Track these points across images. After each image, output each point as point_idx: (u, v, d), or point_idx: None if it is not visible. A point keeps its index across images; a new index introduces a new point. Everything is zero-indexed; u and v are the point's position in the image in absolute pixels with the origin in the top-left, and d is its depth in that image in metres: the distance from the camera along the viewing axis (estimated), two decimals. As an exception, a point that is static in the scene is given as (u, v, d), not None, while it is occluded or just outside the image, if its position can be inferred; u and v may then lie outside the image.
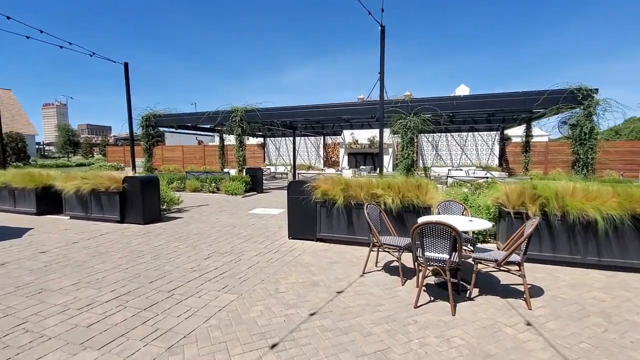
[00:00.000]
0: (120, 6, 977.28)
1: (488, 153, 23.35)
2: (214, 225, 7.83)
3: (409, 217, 5.54)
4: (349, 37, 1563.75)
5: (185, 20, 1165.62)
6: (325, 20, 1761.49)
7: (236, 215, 9.03)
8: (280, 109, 14.16)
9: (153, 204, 8.14)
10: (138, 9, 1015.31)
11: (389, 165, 23.75)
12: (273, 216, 8.94)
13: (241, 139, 14.67)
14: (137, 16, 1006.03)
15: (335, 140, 25.98)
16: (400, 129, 12.26)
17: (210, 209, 10.16)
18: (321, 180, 6.09)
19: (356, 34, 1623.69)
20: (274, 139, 27.69)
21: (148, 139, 16.59)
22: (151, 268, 4.78)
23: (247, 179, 13.71)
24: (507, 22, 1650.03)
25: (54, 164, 40.12)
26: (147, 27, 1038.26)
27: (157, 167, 32.91)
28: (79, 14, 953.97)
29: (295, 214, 6.36)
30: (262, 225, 7.76)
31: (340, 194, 5.79)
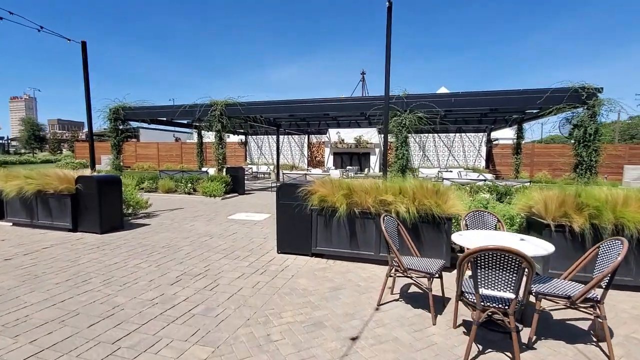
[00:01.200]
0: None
1: (475, 155, 22.98)
2: (188, 234, 6.63)
3: (427, 230, 4.58)
4: (332, 37, 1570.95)
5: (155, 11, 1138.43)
6: (309, 19, 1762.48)
7: (214, 222, 7.84)
8: (264, 103, 13.01)
9: (113, 209, 6.84)
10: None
11: (375, 165, 22.97)
12: (257, 223, 7.81)
13: (221, 136, 13.42)
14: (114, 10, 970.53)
15: (320, 140, 24.98)
16: (395, 127, 11.39)
17: (185, 213, 8.90)
18: (318, 184, 5.05)
19: (339, 33, 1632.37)
20: (256, 137, 26.38)
21: (117, 134, 15.04)
22: (97, 300, 3.59)
23: (227, 179, 12.47)
24: (486, 25, 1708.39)
25: (17, 160, 37.18)
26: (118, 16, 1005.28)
27: (130, 164, 30.90)
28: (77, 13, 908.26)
29: (286, 224, 5.29)
30: (244, 235, 6.63)
31: (342, 201, 4.76)
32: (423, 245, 4.61)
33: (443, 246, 4.55)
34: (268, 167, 22.81)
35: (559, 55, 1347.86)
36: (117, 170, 14.88)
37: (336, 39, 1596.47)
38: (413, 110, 11.18)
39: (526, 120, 15.55)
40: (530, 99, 10.56)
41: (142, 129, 38.74)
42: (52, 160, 36.00)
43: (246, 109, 13.04)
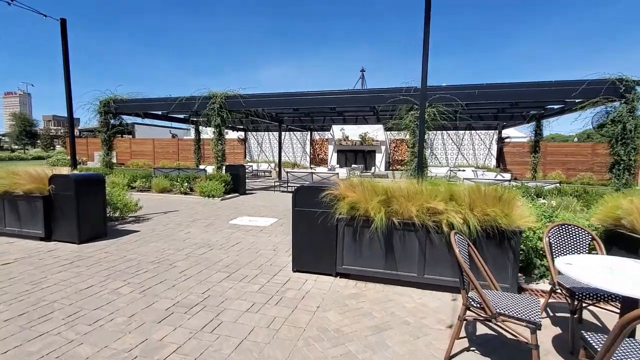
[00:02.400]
0: None
1: (485, 153, 22.04)
2: (182, 244, 5.61)
3: (491, 248, 3.58)
4: (327, 37, 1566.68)
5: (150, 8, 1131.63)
6: (302, 17, 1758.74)
7: (214, 228, 6.82)
8: (268, 95, 11.96)
9: (95, 214, 5.80)
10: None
11: (380, 164, 21.98)
12: (263, 229, 6.79)
13: (220, 131, 12.36)
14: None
15: (323, 136, 23.96)
16: (412, 122, 10.38)
17: (180, 216, 7.87)
18: (346, 188, 4.03)
19: (334, 32, 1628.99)
20: (256, 134, 25.33)
21: (107, 129, 13.95)
22: (53, 350, 2.57)
23: (227, 178, 11.43)
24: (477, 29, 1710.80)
25: (7, 156, 35.90)
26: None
27: (125, 161, 29.74)
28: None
29: (304, 236, 4.28)
30: (250, 245, 5.61)
31: (378, 209, 3.75)
32: (480, 267, 3.62)
33: (509, 268, 3.55)
34: (269, 165, 21.79)
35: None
36: (108, 168, 13.81)
37: (331, 39, 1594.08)
38: (432, 103, 10.18)
39: (546, 117, 14.59)
40: (564, 91, 9.57)
41: (138, 125, 37.49)
42: (43, 156, 34.73)
43: (248, 101, 11.99)
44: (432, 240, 3.74)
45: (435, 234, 3.71)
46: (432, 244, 3.76)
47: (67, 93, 6.77)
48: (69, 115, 6.88)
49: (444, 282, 3.75)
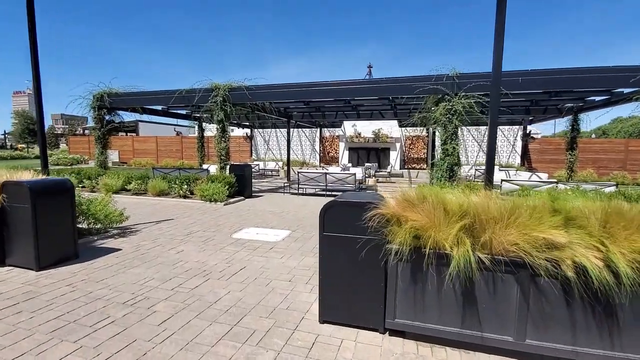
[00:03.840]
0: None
1: (509, 150, 20.48)
2: (171, 270, 4.33)
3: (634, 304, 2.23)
4: (333, 34, 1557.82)
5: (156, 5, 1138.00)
6: (309, 16, 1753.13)
7: (213, 244, 5.54)
8: (276, 87, 10.64)
9: (60, 230, 4.55)
10: None
11: (395, 162, 20.56)
12: (274, 246, 5.49)
13: (224, 127, 11.09)
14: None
15: (334, 133, 22.59)
16: (442, 115, 8.99)
17: (175, 227, 6.61)
18: (402, 204, 2.71)
19: (341, 29, 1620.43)
20: (262, 131, 24.05)
21: (102, 125, 12.78)
22: None
23: (231, 179, 10.16)
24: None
25: (9, 155, 35.18)
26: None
27: (128, 160, 28.72)
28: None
29: (337, 272, 2.96)
30: (258, 272, 4.31)
31: (461, 240, 2.42)
32: (614, 333, 2.28)
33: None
34: (276, 164, 20.51)
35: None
36: (102, 168, 12.65)
37: (336, 36, 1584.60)
38: (466, 93, 8.78)
39: (586, 109, 13.05)
40: (621, 77, 8.12)
41: (142, 123, 36.54)
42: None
43: (254, 93, 10.69)
44: (541, 288, 2.41)
45: (547, 277, 2.37)
46: (539, 292, 2.42)
47: (35, 77, 5.55)
48: (37, 105, 5.65)
49: (559, 354, 2.41)
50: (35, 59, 5.91)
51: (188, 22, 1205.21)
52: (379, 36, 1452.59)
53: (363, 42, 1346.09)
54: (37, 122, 5.70)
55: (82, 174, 11.71)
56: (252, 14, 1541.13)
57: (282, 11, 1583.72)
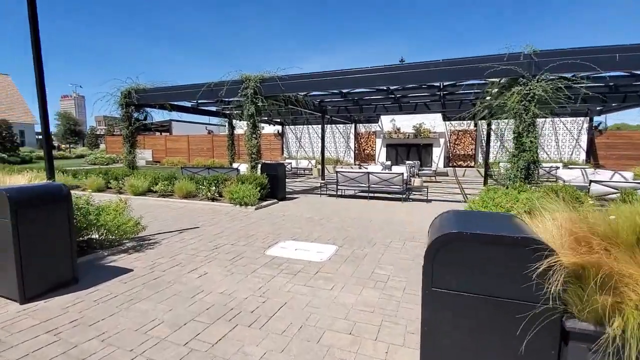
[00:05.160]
0: None
1: (572, 145, 18.05)
2: (187, 307, 3.23)
3: None
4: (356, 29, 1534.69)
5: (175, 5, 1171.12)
6: (329, 14, 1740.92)
7: (242, 264, 4.41)
8: (312, 75, 9.42)
9: (54, 249, 3.59)
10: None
11: (439, 159, 18.76)
12: (320, 269, 4.27)
13: (255, 122, 10.06)
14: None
15: (370, 129, 21.11)
16: (516, 103, 7.39)
17: (199, 239, 5.58)
18: (597, 241, 1.36)
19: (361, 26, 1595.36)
20: (294, 127, 23.05)
21: (130, 123, 12.20)
22: None
23: (263, 180, 9.08)
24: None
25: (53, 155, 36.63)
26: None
27: (160, 159, 28.81)
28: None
29: (459, 354, 1.66)
30: (304, 316, 3.11)
31: None
32: None
33: None
34: (309, 162, 19.39)
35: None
36: (130, 168, 12.07)
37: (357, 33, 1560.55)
38: (546, 75, 7.13)
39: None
40: None
41: (175, 122, 36.88)
42: (85, 154, 34.99)
43: (288, 84, 9.55)
44: None
45: None
46: None
47: (37, 72, 4.70)
48: (40, 104, 4.80)
49: None
50: (38, 58, 5.06)
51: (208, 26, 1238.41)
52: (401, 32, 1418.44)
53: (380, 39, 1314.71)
54: (41, 123, 4.87)
55: (110, 174, 11.14)
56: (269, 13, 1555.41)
57: (301, 9, 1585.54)
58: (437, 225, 1.87)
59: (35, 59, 4.95)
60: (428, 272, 1.65)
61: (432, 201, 9.53)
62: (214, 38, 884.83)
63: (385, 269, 4.24)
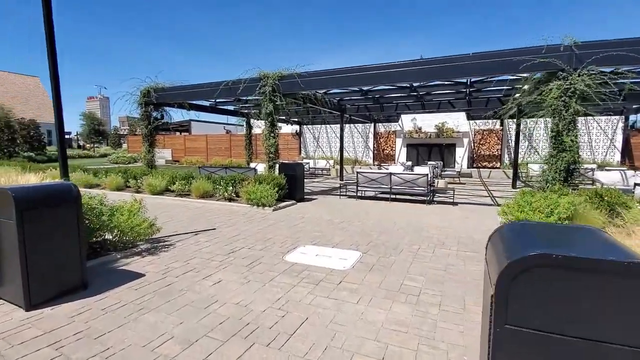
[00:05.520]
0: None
1: (606, 145, 16.97)
2: (200, 321, 2.94)
3: None
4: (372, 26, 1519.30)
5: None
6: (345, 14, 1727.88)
7: (260, 272, 4.11)
8: (331, 72, 9.06)
9: (62, 253, 3.38)
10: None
11: (462, 160, 18.03)
12: (343, 278, 3.91)
13: (273, 121, 9.79)
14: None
15: (390, 128, 20.57)
16: (554, 99, 6.81)
17: (214, 241, 5.33)
18: None
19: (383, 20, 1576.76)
20: (312, 127, 22.77)
21: (149, 122, 12.20)
22: None
23: (281, 180, 8.80)
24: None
25: (77, 154, 37.80)
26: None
27: (180, 158, 29.13)
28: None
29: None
30: (329, 336, 2.76)
31: None
32: None
33: None
34: (327, 162, 19.05)
35: None
36: (149, 167, 12.07)
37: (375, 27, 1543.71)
38: (586, 68, 6.53)
39: None
40: None
41: (194, 122, 37.34)
42: (109, 154, 35.90)
43: (307, 81, 9.24)
44: None
45: None
46: None
47: (52, 72, 4.56)
48: (55, 104, 4.65)
49: None
50: (53, 60, 4.91)
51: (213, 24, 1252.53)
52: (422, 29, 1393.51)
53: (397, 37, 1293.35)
54: (55, 122, 4.70)
55: (129, 173, 11.13)
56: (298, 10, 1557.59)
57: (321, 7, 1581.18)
58: (502, 241, 1.49)
59: (50, 61, 4.80)
60: (501, 305, 1.28)
61: (459, 204, 8.99)
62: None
63: (416, 281, 3.84)
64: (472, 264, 4.42)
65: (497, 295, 1.29)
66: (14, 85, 36.37)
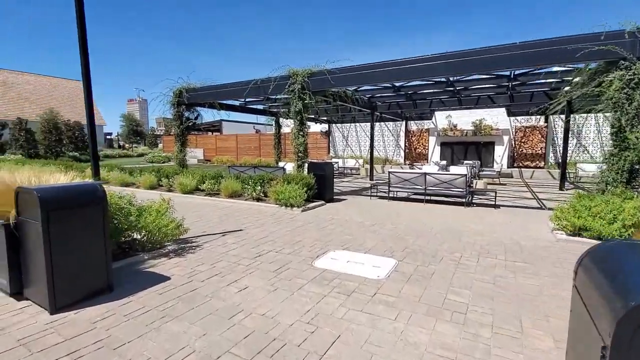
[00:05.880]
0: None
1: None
2: (223, 334, 2.72)
3: None
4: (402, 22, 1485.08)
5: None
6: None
7: (287, 278, 3.86)
8: (363, 67, 8.67)
9: (88, 255, 3.30)
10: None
11: (502, 159, 16.96)
12: (378, 289, 3.57)
13: (302, 119, 9.57)
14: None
15: (422, 126, 19.77)
16: (616, 92, 6.06)
17: (242, 243, 5.16)
18: None
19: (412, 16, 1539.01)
20: (341, 126, 22.42)
21: (181, 122, 12.40)
22: None
23: (310, 180, 8.55)
24: None
25: (117, 154, 39.81)
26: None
27: (211, 158, 29.81)
28: None
29: None
30: (366, 357, 2.43)
31: None
32: None
33: None
34: (356, 162, 18.63)
35: None
36: (180, 166, 12.27)
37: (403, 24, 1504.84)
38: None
39: None
40: None
41: (225, 122, 38.16)
42: (146, 153, 37.50)
43: (337, 77, 8.90)
44: None
45: None
46: None
47: (85, 78, 4.56)
48: (87, 102, 4.66)
49: None
50: (85, 63, 4.93)
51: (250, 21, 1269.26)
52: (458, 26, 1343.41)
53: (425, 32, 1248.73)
54: (87, 123, 4.74)
55: (161, 172, 11.36)
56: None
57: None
58: (606, 270, 1.11)
59: (83, 65, 4.82)
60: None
61: (500, 206, 8.32)
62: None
63: (461, 295, 3.42)
64: (524, 276, 3.92)
65: (616, 348, 0.92)
66: (61, 90, 38.82)
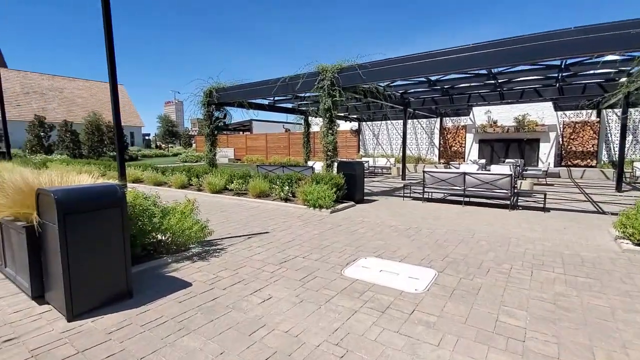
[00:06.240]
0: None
1: None
2: (242, 354, 2.43)
3: None
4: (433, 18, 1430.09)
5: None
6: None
7: (315, 289, 3.53)
8: (396, 60, 8.15)
9: (107, 259, 3.15)
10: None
11: (548, 158, 15.68)
12: (416, 306, 3.15)
13: (331, 116, 9.22)
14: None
15: (458, 123, 18.78)
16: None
17: (266, 248, 4.91)
18: None
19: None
20: (372, 124, 21.84)
21: (210, 122, 12.49)
22: None
23: (339, 181, 8.19)
24: None
25: (154, 153, 41.51)
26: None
27: (241, 157, 30.25)
28: None
29: None
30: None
31: None
32: None
33: None
34: (387, 160, 18.02)
35: None
36: (210, 166, 12.36)
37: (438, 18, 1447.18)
38: None
39: None
40: None
41: (255, 122, 38.66)
42: (180, 153, 38.80)
43: (369, 72, 8.46)
44: None
45: None
46: None
47: (111, 79, 4.50)
48: (113, 101, 4.60)
49: None
50: (112, 68, 4.87)
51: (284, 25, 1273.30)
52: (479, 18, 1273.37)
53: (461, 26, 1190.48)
54: (114, 125, 4.68)
55: (192, 172, 11.46)
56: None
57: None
58: None
59: (109, 69, 4.77)
60: None
61: (551, 209, 7.52)
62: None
63: (516, 317, 2.93)
64: (590, 295, 3.34)
65: None
66: (102, 92, 41.10)
